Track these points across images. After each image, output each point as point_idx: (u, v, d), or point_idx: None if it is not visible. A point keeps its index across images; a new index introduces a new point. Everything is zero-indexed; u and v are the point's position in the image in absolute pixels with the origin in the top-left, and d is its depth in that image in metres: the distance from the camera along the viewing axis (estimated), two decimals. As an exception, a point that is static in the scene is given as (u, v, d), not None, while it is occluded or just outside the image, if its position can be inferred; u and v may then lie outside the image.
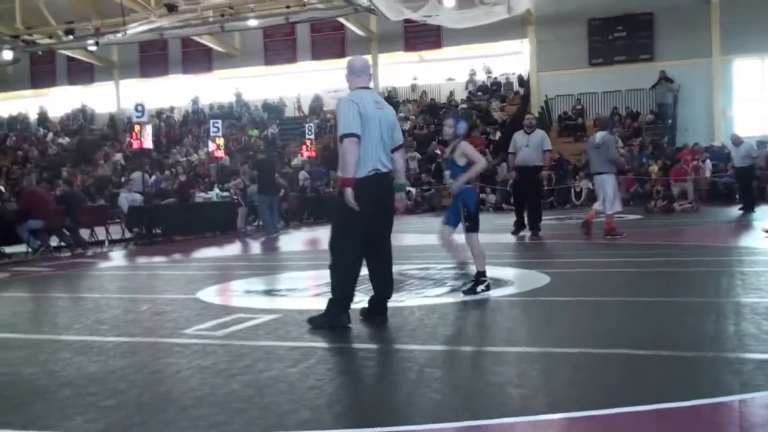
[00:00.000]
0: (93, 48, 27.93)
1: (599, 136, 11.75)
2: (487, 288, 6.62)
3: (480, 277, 6.62)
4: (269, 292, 7.51)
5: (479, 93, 31.52)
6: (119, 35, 25.78)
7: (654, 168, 23.14)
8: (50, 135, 35.76)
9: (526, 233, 12.95)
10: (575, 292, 6.96)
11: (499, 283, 7.49)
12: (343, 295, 5.39)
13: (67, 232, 14.52)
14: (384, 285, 5.60)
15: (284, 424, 3.39)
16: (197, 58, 33.84)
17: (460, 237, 6.82)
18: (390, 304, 5.69)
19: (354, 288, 5.45)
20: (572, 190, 24.43)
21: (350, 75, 5.62)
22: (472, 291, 6.56)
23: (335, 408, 3.64)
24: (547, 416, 3.37)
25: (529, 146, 12.57)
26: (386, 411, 3.53)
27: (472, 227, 6.65)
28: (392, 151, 5.57)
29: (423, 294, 6.89)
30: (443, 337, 4.97)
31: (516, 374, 4.01)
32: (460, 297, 6.57)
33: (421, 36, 30.62)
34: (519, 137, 12.85)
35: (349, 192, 5.22)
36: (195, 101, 35.63)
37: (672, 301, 6.18)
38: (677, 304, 6.07)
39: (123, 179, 26.23)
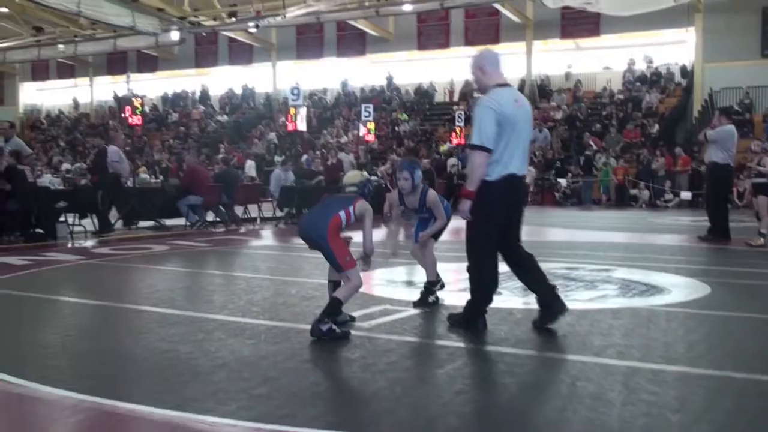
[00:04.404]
0: (253, 30, 29.00)
1: None
2: (437, 299, 6.39)
3: (431, 286, 6.42)
4: (413, 284, 7.48)
5: (637, 83, 30.22)
6: (278, 18, 26.64)
7: None
8: (210, 112, 37.55)
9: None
10: (739, 307, 6.42)
11: (655, 290, 7.14)
12: (480, 300, 5.29)
13: (222, 209, 15.21)
14: (543, 280, 5.37)
15: (433, 428, 3.34)
16: (351, 42, 34.39)
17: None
18: (528, 306, 5.50)
19: (491, 292, 5.31)
20: (735, 191, 23.01)
21: (489, 69, 5.21)
22: (423, 302, 6.31)
23: (483, 417, 3.55)
24: (712, 449, 3.15)
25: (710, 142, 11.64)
26: (536, 425, 3.41)
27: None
28: None
29: (572, 297, 6.58)
30: (595, 348, 4.75)
31: (675, 397, 3.77)
32: (606, 304, 6.30)
33: (578, 23, 29.67)
34: None
35: (468, 205, 5.10)
36: (344, 84, 36.29)
37: None
38: None
39: (276, 158, 27.18)
